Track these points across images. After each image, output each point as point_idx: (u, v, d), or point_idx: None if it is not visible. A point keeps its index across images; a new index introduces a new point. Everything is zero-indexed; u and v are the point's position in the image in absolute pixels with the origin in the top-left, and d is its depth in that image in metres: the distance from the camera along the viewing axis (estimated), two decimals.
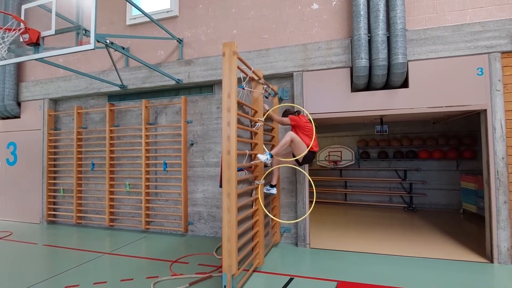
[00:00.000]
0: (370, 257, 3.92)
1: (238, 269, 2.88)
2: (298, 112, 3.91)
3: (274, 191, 3.93)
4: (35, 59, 3.51)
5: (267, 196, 4.10)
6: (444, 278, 3.24)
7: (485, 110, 3.77)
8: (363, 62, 3.98)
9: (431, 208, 6.98)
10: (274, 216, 4.32)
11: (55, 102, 6.43)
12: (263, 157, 3.30)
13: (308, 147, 3.58)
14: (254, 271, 3.45)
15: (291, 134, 3.50)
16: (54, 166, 6.29)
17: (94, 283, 3.24)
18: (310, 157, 3.71)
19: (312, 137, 3.61)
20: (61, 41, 5.26)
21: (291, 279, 3.25)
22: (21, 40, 3.25)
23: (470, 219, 5.90)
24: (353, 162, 7.78)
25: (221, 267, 2.73)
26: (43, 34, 3.44)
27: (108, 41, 3.69)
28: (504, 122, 3.68)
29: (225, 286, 2.62)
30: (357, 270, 3.49)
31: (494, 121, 3.70)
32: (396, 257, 3.87)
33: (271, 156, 3.40)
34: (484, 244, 3.86)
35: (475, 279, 3.21)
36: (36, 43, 3.33)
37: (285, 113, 3.88)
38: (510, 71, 3.69)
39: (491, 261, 3.67)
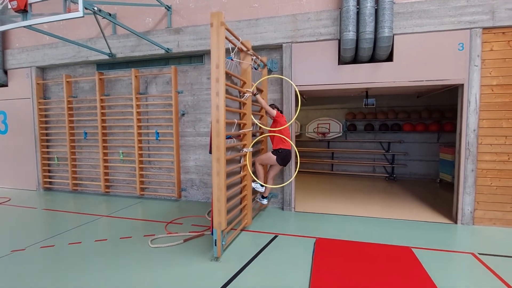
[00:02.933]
0: (349, 218, 4.31)
1: (227, 227, 3.19)
2: (281, 111, 4.25)
3: (265, 201, 4.33)
4: (24, 26, 3.47)
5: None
6: (409, 234, 3.66)
7: (462, 85, 3.97)
8: (350, 34, 4.06)
9: (411, 177, 7.44)
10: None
11: (42, 70, 6.33)
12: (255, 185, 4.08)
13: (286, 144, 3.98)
14: (242, 230, 3.80)
15: (257, 163, 4.10)
16: (47, 135, 6.35)
17: (96, 240, 3.54)
18: (288, 156, 4.04)
19: (287, 136, 3.98)
20: (48, 8, 5.10)
21: (275, 237, 3.61)
22: (9, 7, 3.19)
23: (445, 187, 6.36)
24: (341, 134, 8.06)
25: (212, 226, 3.02)
26: (30, 0, 3.37)
27: (96, 8, 3.64)
28: (479, 96, 3.91)
29: (215, 240, 2.93)
30: (335, 228, 3.88)
31: (470, 95, 3.93)
32: (372, 219, 4.28)
33: (261, 185, 4.13)
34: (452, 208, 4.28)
35: (436, 236, 3.63)
36: (24, 10, 3.28)
37: (272, 107, 4.09)
38: (488, 47, 3.85)
39: (455, 222, 4.10)
